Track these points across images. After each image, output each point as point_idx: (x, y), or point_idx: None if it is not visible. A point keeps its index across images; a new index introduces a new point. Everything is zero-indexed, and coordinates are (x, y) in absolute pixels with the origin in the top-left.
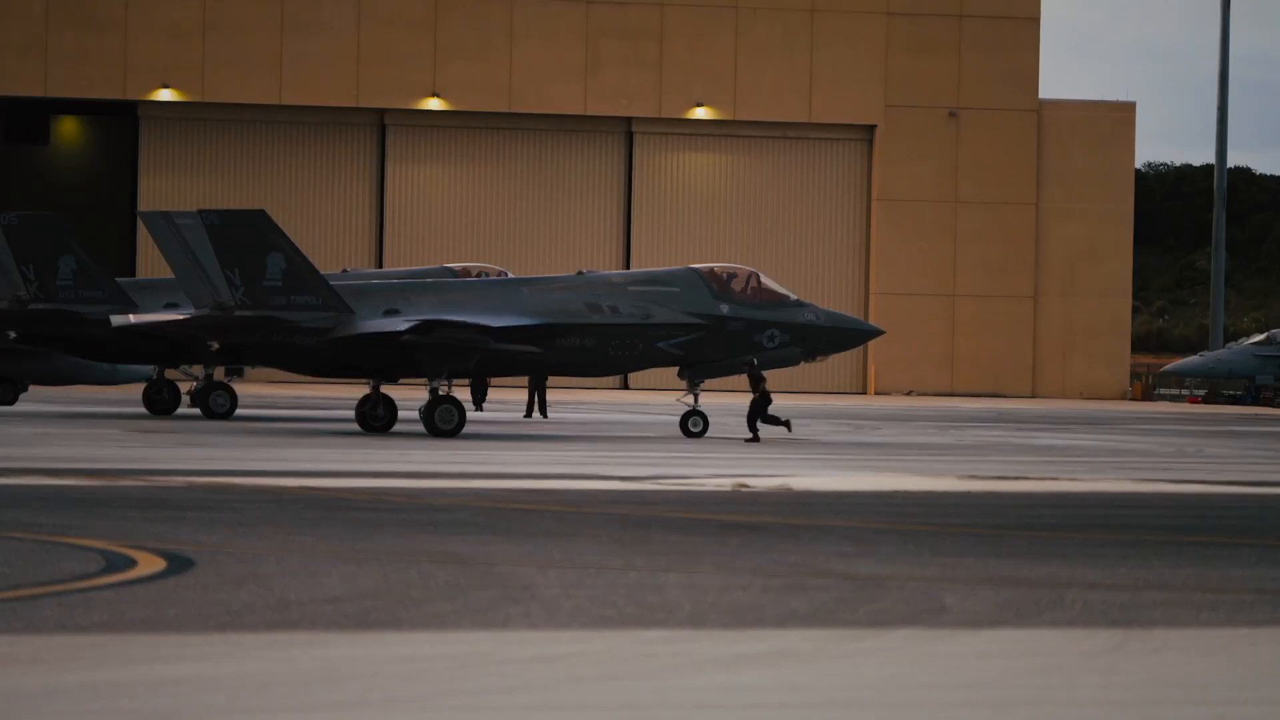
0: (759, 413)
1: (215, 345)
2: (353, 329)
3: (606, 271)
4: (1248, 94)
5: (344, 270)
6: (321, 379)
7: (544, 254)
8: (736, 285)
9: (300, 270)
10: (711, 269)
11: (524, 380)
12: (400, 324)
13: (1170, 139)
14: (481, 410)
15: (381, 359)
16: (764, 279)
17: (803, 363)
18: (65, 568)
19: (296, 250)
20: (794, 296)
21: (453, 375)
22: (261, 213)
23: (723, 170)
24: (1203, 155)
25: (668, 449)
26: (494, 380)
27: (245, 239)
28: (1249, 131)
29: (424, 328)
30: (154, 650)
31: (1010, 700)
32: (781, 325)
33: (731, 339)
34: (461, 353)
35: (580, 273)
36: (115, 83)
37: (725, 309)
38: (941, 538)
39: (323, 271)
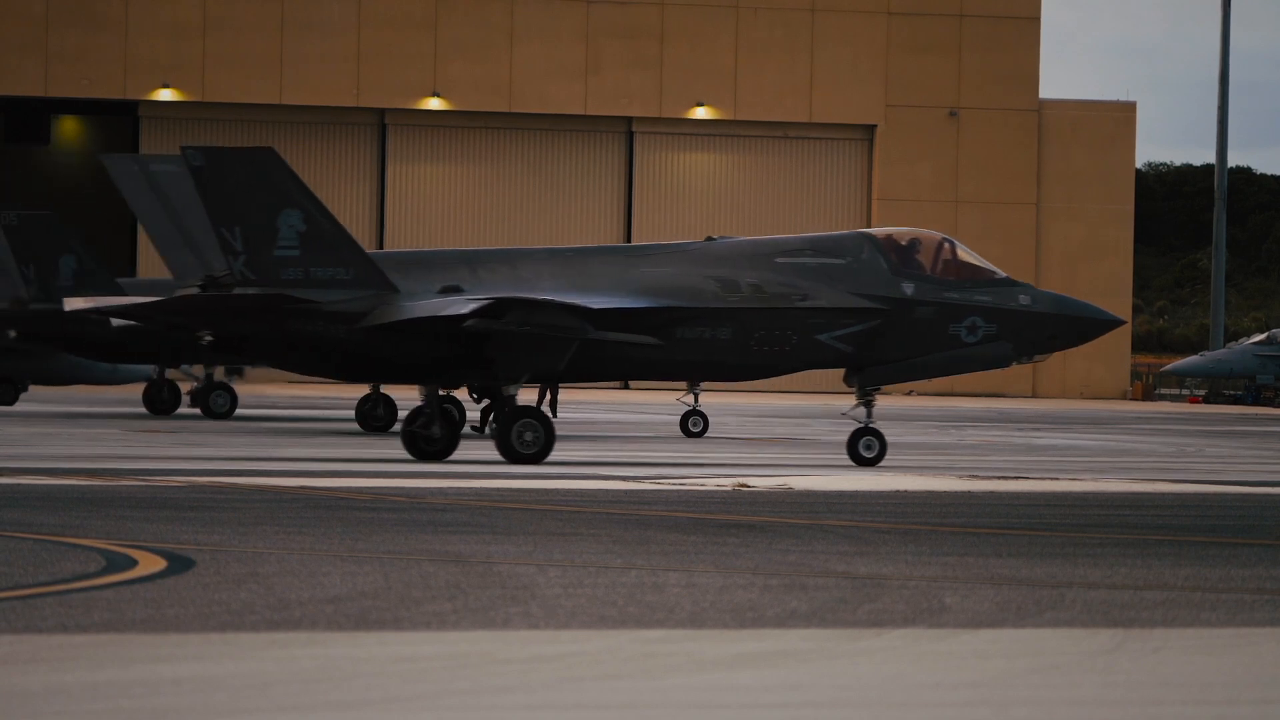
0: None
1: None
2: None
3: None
4: (1248, 94)
5: None
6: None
7: None
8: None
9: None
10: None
11: None
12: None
13: (1170, 139)
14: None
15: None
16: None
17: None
18: (65, 568)
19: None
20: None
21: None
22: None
23: (723, 170)
24: (1203, 155)
25: (668, 449)
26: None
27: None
28: (1249, 131)
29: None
30: (154, 650)
31: (1010, 700)
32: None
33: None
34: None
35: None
36: (115, 82)
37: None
38: (941, 538)
39: None
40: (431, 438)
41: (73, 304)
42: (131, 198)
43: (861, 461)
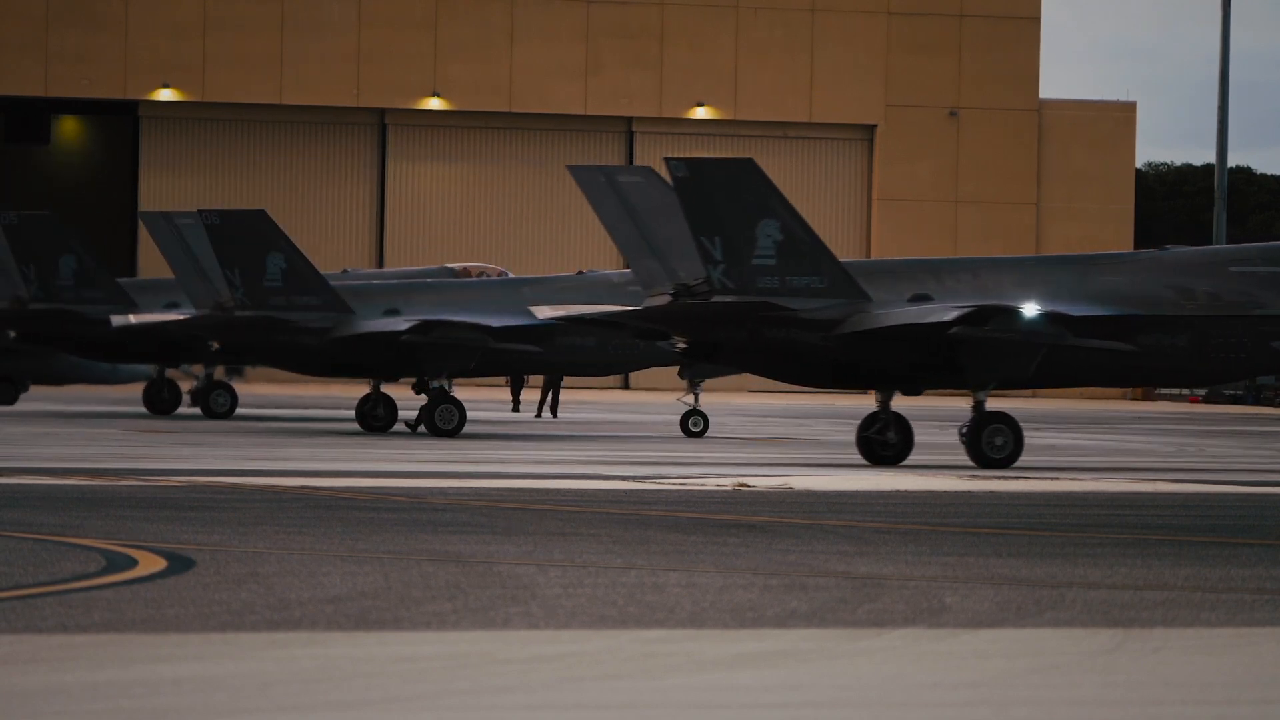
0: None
1: (216, 345)
2: (351, 329)
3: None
4: (1248, 94)
5: (344, 271)
6: (326, 378)
7: (544, 254)
8: None
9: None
10: None
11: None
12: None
13: (1170, 139)
14: (518, 410)
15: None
16: None
17: None
18: (65, 568)
19: (296, 250)
20: None
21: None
22: (262, 213)
23: None
24: (1203, 155)
25: (668, 449)
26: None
27: (245, 239)
28: (1249, 131)
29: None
30: (154, 650)
31: (1010, 700)
32: None
33: None
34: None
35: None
36: (115, 82)
37: None
38: (941, 537)
39: (323, 271)
40: (887, 442)
41: (541, 312)
42: (598, 206)
43: None
